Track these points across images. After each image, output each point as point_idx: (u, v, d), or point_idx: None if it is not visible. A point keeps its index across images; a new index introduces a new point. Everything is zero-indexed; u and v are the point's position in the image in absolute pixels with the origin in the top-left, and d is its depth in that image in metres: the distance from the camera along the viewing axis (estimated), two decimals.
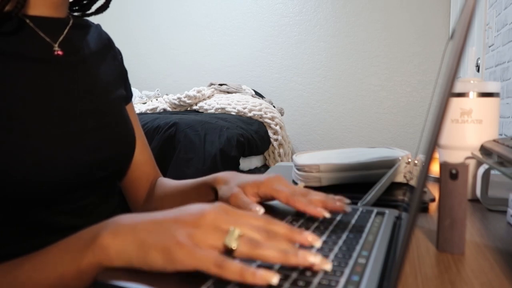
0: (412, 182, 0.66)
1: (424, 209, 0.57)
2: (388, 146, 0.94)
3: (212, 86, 2.79)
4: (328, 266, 0.32)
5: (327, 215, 0.45)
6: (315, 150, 0.86)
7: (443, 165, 0.39)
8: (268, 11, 3.16)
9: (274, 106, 2.73)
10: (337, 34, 3.03)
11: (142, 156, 0.71)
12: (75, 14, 0.67)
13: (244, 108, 2.44)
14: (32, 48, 0.55)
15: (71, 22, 0.62)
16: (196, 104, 2.57)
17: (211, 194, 0.60)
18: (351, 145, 3.03)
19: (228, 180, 0.56)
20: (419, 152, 0.63)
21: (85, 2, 0.67)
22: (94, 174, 0.58)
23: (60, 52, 0.58)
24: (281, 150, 2.52)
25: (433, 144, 0.24)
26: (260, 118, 2.45)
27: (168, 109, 2.59)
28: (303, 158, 0.78)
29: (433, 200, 0.60)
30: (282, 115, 2.77)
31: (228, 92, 2.73)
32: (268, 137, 2.45)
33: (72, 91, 0.57)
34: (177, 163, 1.91)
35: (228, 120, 2.17)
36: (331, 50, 3.05)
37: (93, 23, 0.69)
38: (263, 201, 0.54)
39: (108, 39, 0.71)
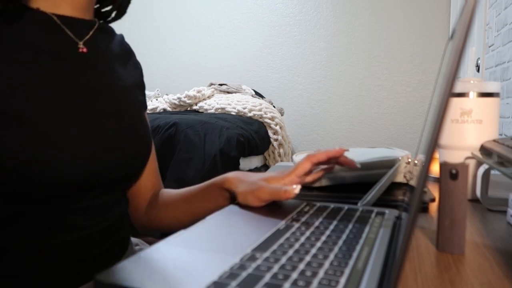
0: (412, 182, 0.66)
1: (424, 209, 0.57)
2: (388, 146, 0.94)
3: (212, 86, 2.78)
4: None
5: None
6: (315, 150, 0.86)
7: (443, 165, 0.39)
8: (268, 11, 3.16)
9: (274, 106, 2.73)
10: (337, 34, 3.03)
11: (150, 165, 0.72)
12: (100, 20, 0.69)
13: (244, 108, 2.44)
14: (58, 44, 0.56)
15: (96, 25, 0.64)
16: (196, 104, 2.57)
17: (222, 195, 0.61)
18: (351, 145, 3.03)
19: (243, 179, 0.58)
20: (419, 152, 0.63)
21: (107, 9, 0.69)
22: (111, 174, 0.59)
23: (84, 50, 0.59)
24: (281, 150, 2.51)
25: (433, 144, 0.24)
26: (260, 118, 2.45)
27: (168, 109, 2.59)
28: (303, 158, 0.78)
29: (433, 200, 0.60)
30: (282, 115, 2.77)
31: (228, 92, 2.73)
32: (268, 137, 2.45)
33: (93, 89, 0.59)
34: (177, 163, 1.91)
35: (228, 120, 2.17)
36: (331, 50, 3.05)
37: (116, 33, 0.72)
38: None
39: (130, 49, 0.74)
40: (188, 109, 2.58)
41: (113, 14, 0.69)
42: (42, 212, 0.53)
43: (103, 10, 0.69)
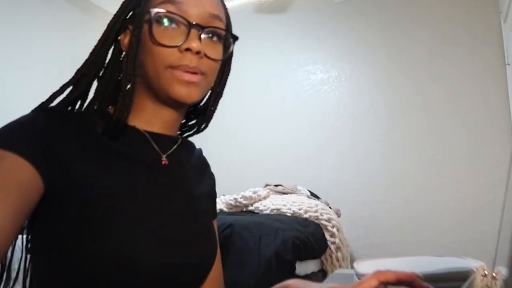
0: None
1: None
2: (457, 253, 0.86)
3: (268, 186, 2.82)
4: None
5: None
6: (375, 254, 0.81)
7: None
8: (322, 115, 3.27)
9: (330, 207, 2.67)
10: (392, 135, 3.03)
11: (214, 271, 0.74)
12: (184, 134, 0.80)
13: (299, 209, 2.40)
14: (146, 156, 0.67)
15: (179, 141, 0.74)
16: (251, 205, 2.58)
17: None
18: (414, 249, 2.80)
19: (304, 287, 0.56)
20: (496, 263, 0.57)
21: (191, 124, 0.80)
22: (178, 275, 0.62)
23: (166, 162, 0.69)
24: (339, 254, 2.39)
25: None
26: (316, 219, 2.39)
27: (225, 209, 2.62)
28: (365, 266, 0.73)
29: None
30: (339, 216, 2.68)
31: (284, 193, 2.74)
32: (325, 240, 2.36)
33: (171, 197, 0.66)
34: (231, 266, 1.87)
35: (283, 222, 2.14)
36: (387, 151, 3.02)
37: (196, 147, 0.82)
38: None
39: (206, 162, 0.84)
40: (244, 210, 2.60)
41: (195, 129, 0.79)
42: None
43: (189, 124, 0.80)
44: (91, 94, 0.69)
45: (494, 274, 0.60)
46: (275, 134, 3.40)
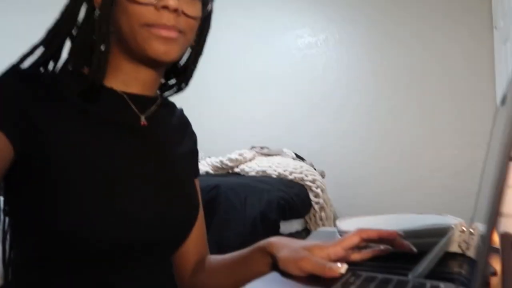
0: (469, 253, 0.61)
1: (485, 283, 0.52)
2: (438, 212, 0.89)
3: (254, 149, 2.83)
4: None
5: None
6: (358, 215, 0.83)
7: (504, 236, 0.36)
8: (309, 79, 3.25)
9: (315, 169, 2.71)
10: (379, 99, 3.04)
11: (197, 230, 0.74)
12: (163, 94, 0.77)
13: (284, 171, 2.43)
14: (124, 117, 0.65)
15: (159, 100, 0.72)
16: (237, 167, 2.60)
17: (264, 261, 0.61)
18: (397, 210, 2.88)
19: (286, 244, 0.58)
20: (474, 219, 0.59)
21: (172, 82, 0.77)
22: (158, 237, 0.62)
23: (145, 123, 0.67)
24: (323, 214, 2.45)
25: (495, 213, 0.23)
26: (301, 180, 2.42)
27: (211, 171, 2.63)
28: (347, 224, 0.75)
29: (494, 273, 0.54)
30: (323, 177, 2.73)
31: (269, 155, 2.76)
32: (309, 200, 2.40)
33: (150, 159, 0.65)
34: (217, 226, 1.90)
35: (269, 183, 2.16)
36: (373, 114, 3.04)
37: (177, 107, 0.80)
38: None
39: (187, 121, 0.82)
40: (230, 172, 2.61)
41: (175, 88, 0.77)
42: (86, 276, 0.55)
43: (169, 83, 0.77)
44: (64, 56, 0.65)
45: (471, 230, 0.62)
46: (261, 97, 3.37)
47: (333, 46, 3.22)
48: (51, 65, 0.64)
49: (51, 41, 0.63)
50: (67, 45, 0.65)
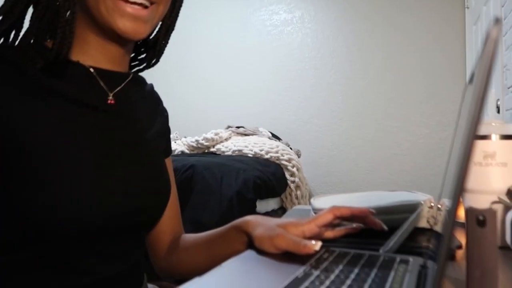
0: (436, 228, 0.63)
1: (451, 256, 0.54)
2: (408, 189, 0.91)
3: (229, 128, 2.82)
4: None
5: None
6: (333, 193, 0.84)
7: (469, 211, 0.38)
8: (285, 56, 3.24)
9: (291, 148, 2.73)
10: (352, 77, 3.06)
11: (171, 210, 0.73)
12: (133, 70, 0.73)
13: (261, 150, 2.44)
14: (90, 95, 0.60)
15: (130, 77, 0.67)
16: (213, 147, 2.59)
17: (239, 239, 0.61)
18: (369, 187, 2.97)
19: (261, 222, 0.58)
20: (442, 196, 0.61)
21: (141, 59, 0.73)
22: (129, 220, 0.60)
23: (112, 101, 0.62)
24: (298, 192, 2.48)
25: (460, 189, 0.23)
26: (277, 160, 2.44)
27: (186, 151, 2.61)
28: (321, 202, 0.76)
29: (459, 247, 0.57)
30: (299, 157, 2.76)
31: (245, 135, 2.76)
32: (285, 179, 2.43)
33: (118, 138, 0.62)
34: (193, 206, 1.90)
35: (245, 162, 2.17)
36: (347, 92, 3.07)
37: (147, 83, 0.76)
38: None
39: (158, 98, 0.78)
40: (206, 151, 2.60)
41: (145, 64, 0.73)
42: (59, 255, 0.54)
43: (139, 58, 0.73)
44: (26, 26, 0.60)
45: (439, 206, 0.64)
46: (236, 75, 3.34)
47: (309, 23, 3.21)
48: (11, 37, 0.59)
49: (11, 8, 0.57)
50: (29, 13, 0.60)
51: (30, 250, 0.53)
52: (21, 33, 0.59)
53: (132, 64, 0.73)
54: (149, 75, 0.76)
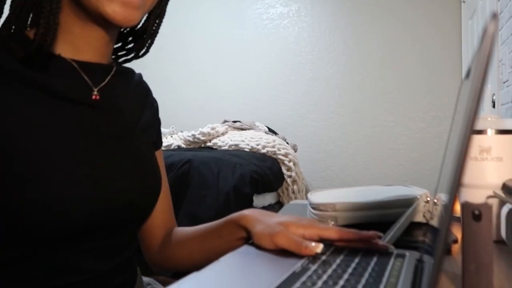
0: (433, 222, 0.64)
1: (447, 251, 0.55)
2: (405, 184, 0.92)
3: (226, 123, 2.81)
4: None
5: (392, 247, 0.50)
6: (330, 188, 0.85)
7: (465, 206, 0.38)
8: (281, 50, 3.23)
9: (287, 143, 2.74)
10: (349, 72, 3.06)
11: (163, 204, 0.71)
12: (119, 60, 0.70)
13: (257, 145, 2.44)
14: (74, 90, 0.57)
15: (114, 69, 0.64)
16: (210, 141, 2.59)
17: (236, 233, 0.59)
18: (366, 182, 2.98)
19: (260, 218, 0.56)
20: (438, 190, 0.61)
21: (128, 48, 0.70)
22: (119, 216, 0.59)
23: (97, 97, 0.60)
24: (295, 187, 2.49)
25: (457, 184, 0.23)
26: (274, 154, 2.44)
27: (183, 146, 2.61)
28: (318, 196, 0.76)
29: (455, 241, 0.57)
30: (295, 151, 2.76)
31: (242, 129, 2.75)
32: (282, 173, 2.44)
33: (104, 134, 0.59)
34: (190, 200, 1.90)
35: (241, 157, 2.17)
36: (344, 87, 3.07)
37: (135, 72, 0.73)
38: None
39: (147, 89, 0.74)
40: (202, 146, 2.60)
41: (133, 54, 0.70)
42: (47, 253, 0.52)
43: (126, 47, 0.70)
44: (6, 13, 0.57)
45: (435, 201, 0.65)
46: (232, 69, 3.33)
47: (306, 17, 3.20)
48: None
49: None
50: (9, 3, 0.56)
51: (18, 248, 0.51)
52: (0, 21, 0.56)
53: (119, 54, 0.70)
54: (146, 70, 0.74)
